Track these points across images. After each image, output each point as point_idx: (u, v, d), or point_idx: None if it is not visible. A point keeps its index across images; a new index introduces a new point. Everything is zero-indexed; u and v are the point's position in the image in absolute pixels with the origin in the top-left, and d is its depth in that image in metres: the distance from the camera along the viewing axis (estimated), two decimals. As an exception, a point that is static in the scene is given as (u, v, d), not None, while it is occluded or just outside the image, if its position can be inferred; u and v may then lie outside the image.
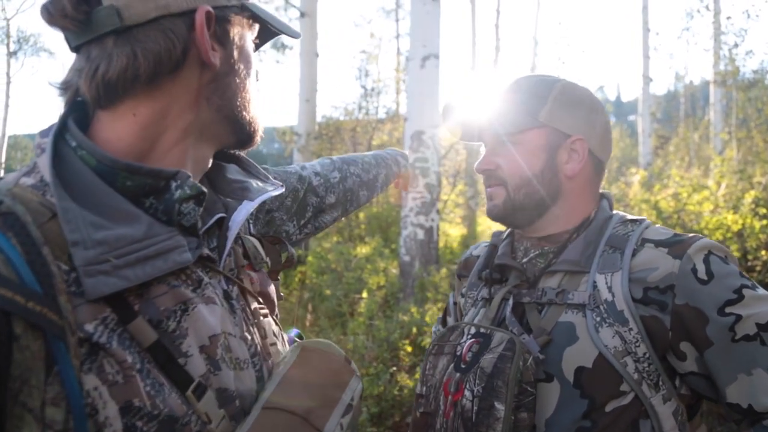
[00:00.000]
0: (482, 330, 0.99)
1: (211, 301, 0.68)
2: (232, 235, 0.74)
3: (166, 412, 0.58)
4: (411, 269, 5.12)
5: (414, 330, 3.75)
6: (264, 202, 0.98)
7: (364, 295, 4.99)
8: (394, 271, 5.66)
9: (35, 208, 0.58)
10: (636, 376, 0.92)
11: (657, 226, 1.02)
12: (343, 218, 1.22)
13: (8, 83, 20.92)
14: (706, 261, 0.92)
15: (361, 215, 8.38)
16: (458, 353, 1.00)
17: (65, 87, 0.69)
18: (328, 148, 9.26)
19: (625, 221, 1.05)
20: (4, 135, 19.99)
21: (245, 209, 0.76)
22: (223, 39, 0.70)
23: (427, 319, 3.70)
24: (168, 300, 0.63)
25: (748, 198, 5.58)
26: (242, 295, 0.76)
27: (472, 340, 0.99)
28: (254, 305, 0.77)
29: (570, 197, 1.06)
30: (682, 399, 0.96)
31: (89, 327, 0.56)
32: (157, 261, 0.61)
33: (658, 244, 0.96)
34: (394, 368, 3.45)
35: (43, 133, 0.66)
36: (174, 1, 0.65)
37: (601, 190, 1.13)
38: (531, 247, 1.11)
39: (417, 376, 3.22)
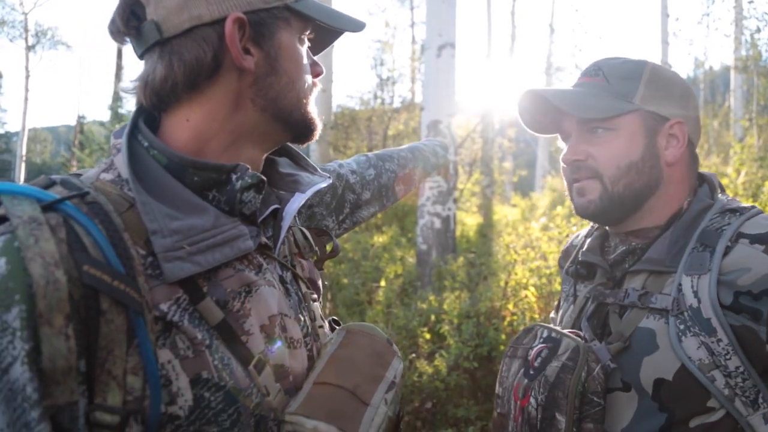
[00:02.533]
0: (553, 335, 0.95)
1: (270, 284, 0.74)
2: (285, 225, 0.80)
3: (232, 384, 0.64)
4: (428, 258, 5.16)
5: (432, 317, 3.79)
6: None
7: (382, 283, 5.03)
8: (411, 259, 5.69)
9: (115, 200, 0.65)
10: (727, 391, 0.81)
11: (763, 215, 0.88)
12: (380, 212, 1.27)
13: (27, 77, 21.20)
14: None
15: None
16: (528, 357, 0.96)
17: (135, 92, 0.75)
18: (343, 137, 9.28)
19: (724, 211, 0.92)
20: (24, 128, 20.27)
21: (297, 201, 0.81)
22: (260, 41, 0.73)
23: (445, 306, 3.73)
24: (234, 282, 0.69)
25: (769, 185, 5.51)
26: (295, 281, 0.82)
27: (542, 345, 0.95)
28: (305, 290, 0.83)
29: (669, 186, 0.98)
30: None
31: (164, 306, 0.62)
32: (224, 248, 0.67)
33: (754, 239, 0.83)
34: (413, 355, 3.49)
35: (117, 134, 0.73)
36: (206, 11, 0.69)
37: (701, 171, 1.03)
38: (620, 243, 1.02)
39: (436, 362, 3.26)
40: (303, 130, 0.80)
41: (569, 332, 0.95)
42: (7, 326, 0.52)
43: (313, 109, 0.80)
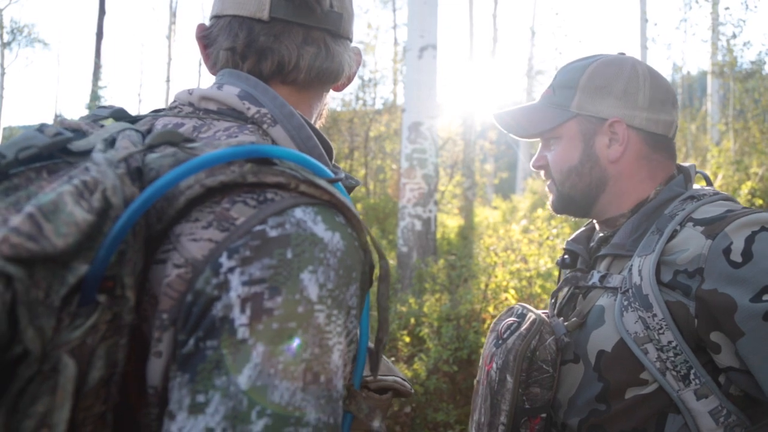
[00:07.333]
0: (523, 311, 1.04)
1: None
2: None
3: None
4: (409, 260, 5.13)
5: (412, 320, 3.77)
6: None
7: (362, 286, 4.98)
8: (391, 262, 5.67)
9: None
10: (658, 364, 0.86)
11: (719, 202, 0.93)
12: None
13: (2, 74, 20.81)
14: (750, 239, 0.82)
15: (359, 206, 8.38)
16: (499, 329, 1.05)
17: (259, 53, 0.69)
18: (325, 139, 9.25)
19: (686, 198, 0.96)
20: (-1, 126, 19.88)
21: None
22: None
23: (425, 309, 3.71)
24: None
25: (745, 189, 5.60)
26: None
27: (513, 319, 1.03)
28: None
29: (619, 181, 1.02)
30: (735, 400, 0.86)
31: None
32: None
33: (698, 222, 0.88)
34: (393, 359, 3.47)
35: (245, 96, 0.67)
36: (352, 29, 0.79)
37: (685, 164, 1.06)
38: (600, 231, 1.10)
39: (415, 366, 3.24)
40: None
41: (540, 311, 1.03)
42: (343, 304, 0.53)
43: None
